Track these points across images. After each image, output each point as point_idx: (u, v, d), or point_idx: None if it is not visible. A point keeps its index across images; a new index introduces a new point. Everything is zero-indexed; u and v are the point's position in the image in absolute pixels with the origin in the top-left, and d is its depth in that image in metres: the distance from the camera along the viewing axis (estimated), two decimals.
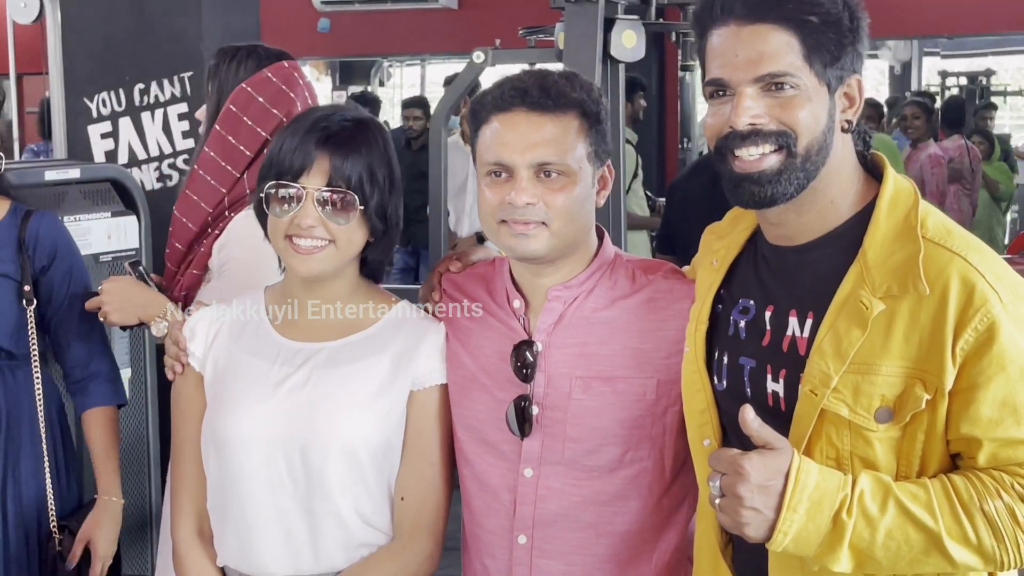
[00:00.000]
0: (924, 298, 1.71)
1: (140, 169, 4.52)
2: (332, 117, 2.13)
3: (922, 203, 1.80)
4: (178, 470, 2.26)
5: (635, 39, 4.58)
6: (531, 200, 2.00)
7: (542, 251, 2.04)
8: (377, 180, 2.10)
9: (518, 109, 2.02)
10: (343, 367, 2.15)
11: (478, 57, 5.28)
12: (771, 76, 1.77)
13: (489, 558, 2.15)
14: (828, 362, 1.75)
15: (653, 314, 2.08)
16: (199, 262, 2.76)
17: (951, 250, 1.74)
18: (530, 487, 2.09)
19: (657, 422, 2.06)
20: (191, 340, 2.24)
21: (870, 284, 1.74)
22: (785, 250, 1.88)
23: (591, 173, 2.06)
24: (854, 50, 1.80)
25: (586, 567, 2.10)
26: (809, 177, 1.80)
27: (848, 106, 1.82)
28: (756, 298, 1.91)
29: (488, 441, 2.12)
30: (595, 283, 2.11)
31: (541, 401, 2.08)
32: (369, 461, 2.12)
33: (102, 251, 3.80)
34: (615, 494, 2.08)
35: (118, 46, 4.57)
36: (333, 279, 2.16)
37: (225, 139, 2.75)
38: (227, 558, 2.20)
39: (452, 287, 2.23)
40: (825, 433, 1.76)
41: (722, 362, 1.93)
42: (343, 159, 2.08)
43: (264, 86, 2.77)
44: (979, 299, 1.69)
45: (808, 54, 1.77)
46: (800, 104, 1.77)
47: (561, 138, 2.01)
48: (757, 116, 1.77)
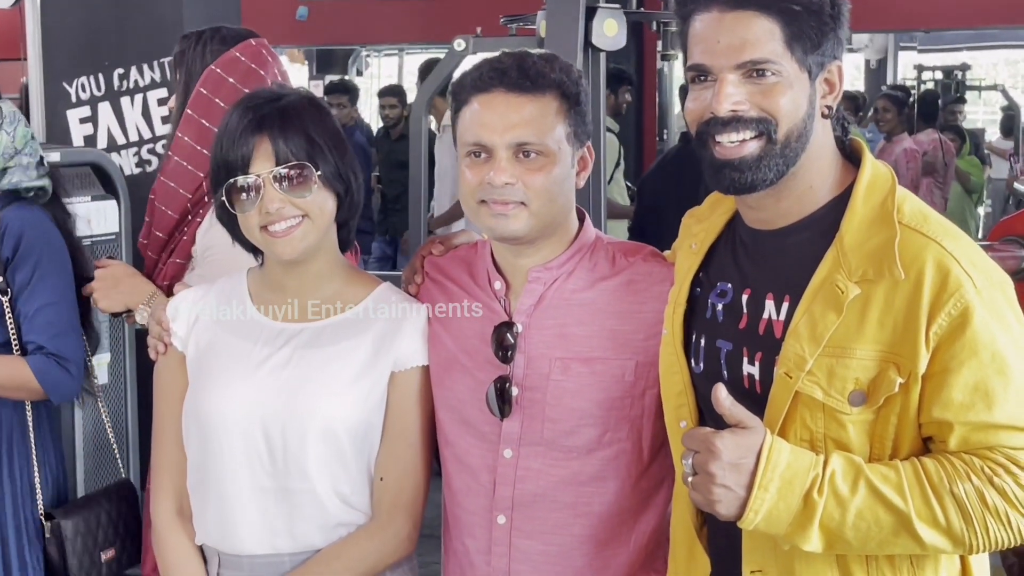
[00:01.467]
0: (899, 283, 1.73)
1: (119, 154, 4.51)
2: (257, 101, 2.15)
3: (899, 189, 1.82)
4: (159, 449, 2.27)
5: (616, 28, 4.58)
6: (510, 180, 2.02)
7: (521, 231, 2.06)
8: (321, 146, 2.12)
9: (497, 90, 2.04)
10: (325, 348, 2.16)
11: (459, 45, 5.28)
12: (753, 63, 1.78)
13: (469, 538, 2.16)
14: (803, 345, 1.76)
15: (632, 296, 2.10)
16: (182, 250, 2.75)
17: (927, 235, 1.75)
18: (509, 467, 2.10)
19: (635, 403, 2.08)
20: (174, 320, 2.25)
21: (846, 268, 1.76)
22: (763, 234, 1.90)
23: (570, 154, 2.07)
24: (835, 36, 1.81)
25: (564, 547, 2.11)
26: (789, 163, 1.81)
27: (828, 92, 1.84)
28: (734, 281, 1.92)
29: (468, 422, 2.13)
30: (575, 265, 2.13)
31: (521, 382, 2.09)
32: (349, 442, 2.13)
33: (82, 235, 3.77)
34: (593, 475, 2.10)
35: (97, 31, 4.56)
36: (314, 258, 2.17)
37: (199, 123, 2.72)
38: (206, 536, 2.21)
39: (434, 270, 2.24)
40: (799, 415, 1.78)
41: (699, 345, 1.94)
42: (282, 135, 2.09)
43: (234, 66, 2.74)
44: (953, 284, 1.71)
45: (790, 41, 1.78)
46: (781, 91, 1.78)
47: (540, 119, 2.03)
48: (738, 103, 1.78)
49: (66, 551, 2.81)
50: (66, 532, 2.81)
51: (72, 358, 2.78)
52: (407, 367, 2.17)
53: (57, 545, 2.81)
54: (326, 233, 2.17)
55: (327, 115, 2.19)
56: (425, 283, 2.24)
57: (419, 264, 2.27)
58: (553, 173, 2.04)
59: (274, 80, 2.77)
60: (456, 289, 2.19)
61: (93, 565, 2.87)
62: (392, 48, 13.28)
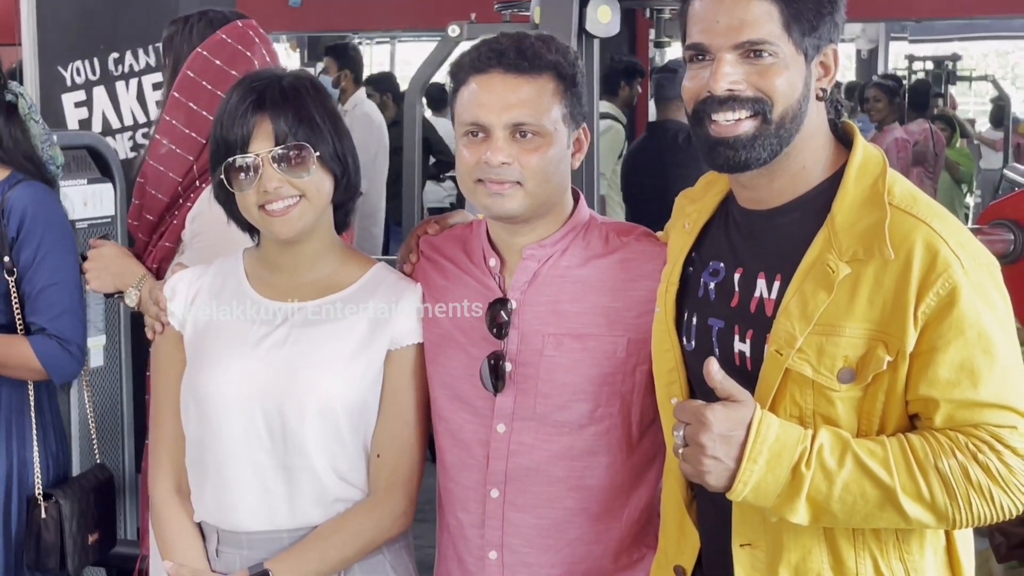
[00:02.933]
0: (889, 262, 1.75)
1: (114, 138, 4.52)
2: (259, 81, 2.17)
3: (890, 171, 1.84)
4: (157, 428, 2.30)
5: (610, 14, 4.59)
6: (506, 160, 2.04)
7: (517, 210, 2.08)
8: (319, 126, 2.14)
9: (495, 70, 2.07)
10: (322, 326, 2.18)
11: (453, 31, 5.28)
12: (751, 44, 1.80)
13: (463, 512, 2.19)
14: (794, 323, 1.79)
15: (625, 274, 2.13)
16: (172, 234, 2.75)
17: (916, 216, 1.78)
18: (503, 442, 2.13)
19: (627, 379, 2.11)
20: (171, 299, 2.27)
21: (837, 248, 1.78)
22: (756, 213, 1.92)
23: (566, 135, 2.10)
24: (831, 20, 1.84)
25: (557, 520, 2.14)
26: (783, 143, 1.83)
27: (823, 75, 1.86)
28: (726, 260, 1.94)
29: (462, 397, 2.16)
30: (569, 243, 2.15)
31: (514, 358, 2.12)
32: (346, 419, 2.16)
33: (78, 218, 3.79)
34: (585, 449, 2.12)
35: (92, 15, 4.56)
36: (310, 237, 2.19)
37: (186, 106, 2.71)
38: (204, 513, 2.23)
39: (429, 248, 2.27)
40: (789, 392, 1.80)
41: (691, 323, 1.97)
42: (282, 115, 2.11)
43: (220, 48, 2.74)
44: (942, 264, 1.74)
45: (788, 23, 1.80)
46: (777, 72, 1.81)
47: (537, 99, 2.06)
48: (735, 82, 1.81)
49: (64, 531, 2.83)
50: (64, 512, 2.83)
51: (73, 339, 2.80)
52: (403, 345, 2.20)
53: (55, 525, 2.83)
54: (323, 213, 2.19)
55: (327, 97, 2.21)
56: (420, 262, 2.26)
57: (414, 243, 2.29)
58: (549, 153, 2.07)
59: (262, 62, 2.77)
60: (451, 267, 2.21)
61: (84, 547, 2.89)
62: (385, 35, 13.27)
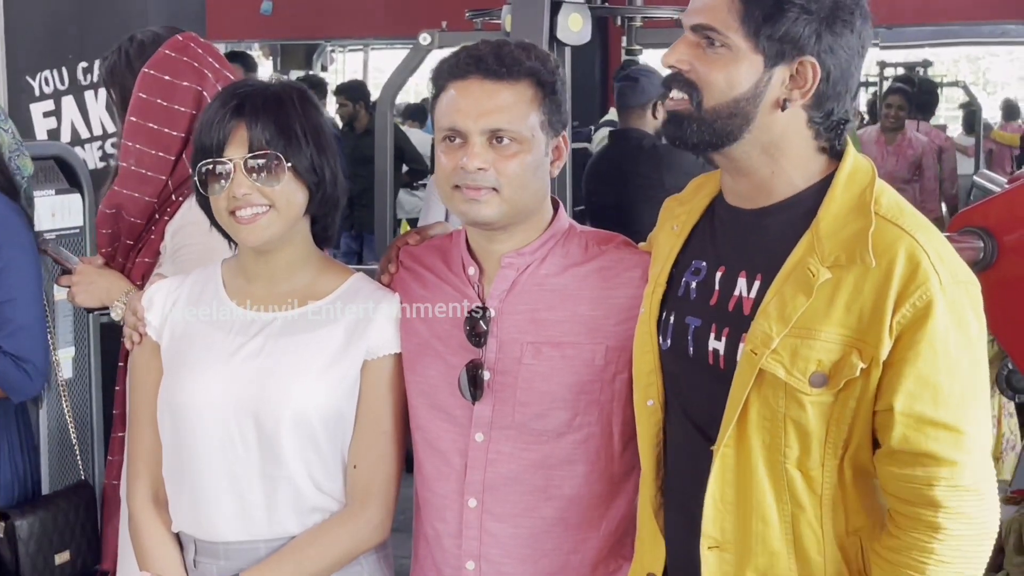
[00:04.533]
0: (869, 270, 1.75)
1: (83, 148, 4.50)
2: (244, 88, 2.18)
3: (878, 182, 1.84)
4: (134, 438, 2.29)
5: (581, 22, 4.60)
6: (482, 165, 2.04)
7: (493, 217, 2.08)
8: (297, 137, 2.13)
9: (473, 76, 2.07)
10: (297, 336, 2.18)
11: (424, 39, 5.29)
12: (699, 27, 1.82)
13: (440, 522, 2.18)
14: (771, 324, 1.79)
15: (604, 282, 2.12)
16: (149, 249, 2.74)
17: (901, 227, 1.78)
18: (481, 451, 2.12)
19: (605, 388, 2.10)
20: (148, 309, 2.27)
21: (819, 253, 1.78)
22: (742, 212, 1.92)
23: (544, 142, 2.09)
24: (813, 31, 1.79)
25: (534, 530, 2.13)
26: (720, 138, 1.84)
27: (794, 86, 1.83)
28: (708, 259, 1.94)
29: (440, 406, 2.15)
30: (548, 251, 2.15)
31: (493, 366, 2.11)
32: (321, 428, 2.15)
33: (46, 228, 3.76)
34: (564, 458, 2.12)
35: (61, 24, 4.53)
36: (283, 247, 2.19)
37: (145, 127, 2.70)
38: (181, 523, 2.22)
39: (409, 258, 2.27)
40: (762, 394, 1.81)
41: (668, 322, 1.97)
42: (258, 123, 2.11)
43: (165, 63, 2.72)
44: (921, 276, 1.74)
45: (745, 16, 1.79)
46: (719, 65, 1.81)
47: (514, 106, 2.06)
48: (680, 61, 1.84)
49: (19, 552, 2.78)
50: (20, 533, 2.79)
51: (30, 357, 2.74)
52: (379, 355, 2.19)
53: (10, 546, 2.79)
54: (294, 224, 2.18)
55: (312, 108, 2.20)
56: (399, 272, 2.26)
57: (394, 254, 2.29)
58: (526, 160, 2.07)
59: (211, 69, 2.76)
60: (430, 276, 2.21)
61: (47, 567, 2.84)
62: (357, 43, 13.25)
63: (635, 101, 5.09)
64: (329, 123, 2.25)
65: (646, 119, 5.08)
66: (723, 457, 1.84)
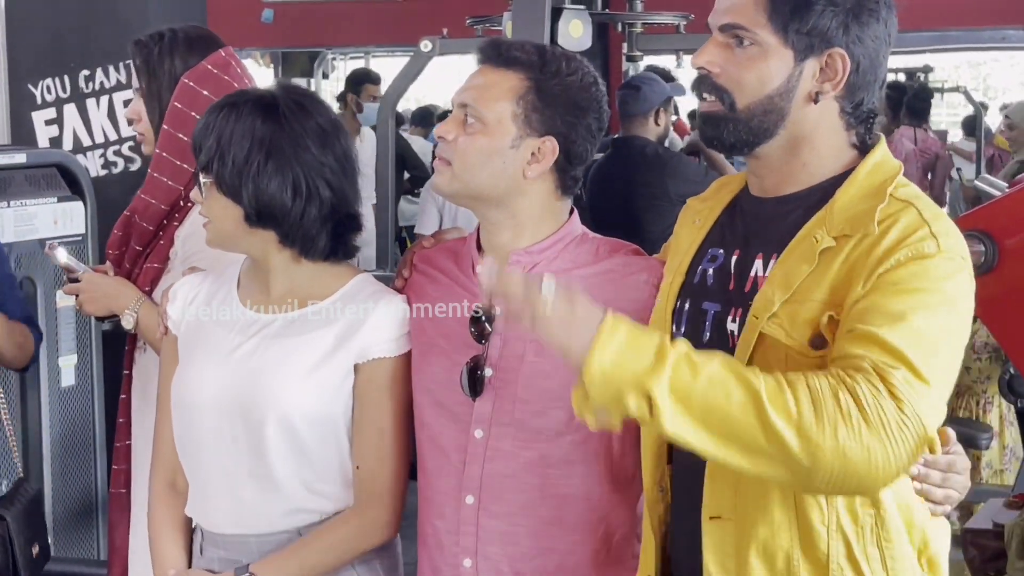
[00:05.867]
0: (868, 235, 1.75)
1: (85, 156, 4.49)
2: (232, 97, 2.21)
3: (903, 178, 1.84)
4: (157, 426, 2.36)
5: (582, 29, 4.61)
6: (444, 134, 2.13)
7: (443, 188, 2.15)
8: (224, 149, 2.14)
9: (481, 64, 2.17)
10: (291, 339, 2.20)
11: (425, 46, 5.30)
12: (729, 26, 1.83)
13: (438, 519, 2.19)
14: (775, 290, 1.80)
15: (609, 284, 2.13)
16: (158, 255, 2.75)
17: (913, 205, 1.78)
18: (479, 447, 2.13)
19: None
20: (172, 303, 2.33)
21: (828, 225, 1.79)
22: (765, 201, 1.93)
23: (514, 135, 2.11)
24: (840, 23, 1.81)
25: (531, 529, 2.13)
26: (757, 136, 1.85)
27: (824, 78, 1.83)
28: (726, 246, 1.95)
29: (443, 403, 2.16)
30: (557, 253, 2.16)
31: (495, 363, 2.13)
32: (308, 430, 2.17)
33: (48, 236, 3.78)
34: (561, 458, 2.12)
35: (62, 32, 4.54)
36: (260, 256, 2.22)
37: (176, 137, 2.71)
38: (191, 511, 2.30)
39: (422, 261, 2.29)
40: (765, 358, 1.80)
41: (683, 309, 1.97)
42: (201, 135, 2.17)
43: (206, 78, 2.74)
44: (916, 238, 1.72)
45: (772, 12, 1.81)
46: (750, 64, 1.82)
47: (488, 88, 2.12)
48: (710, 63, 1.85)
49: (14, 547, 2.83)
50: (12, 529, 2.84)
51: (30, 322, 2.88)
52: (369, 358, 2.19)
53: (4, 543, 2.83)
54: (239, 238, 2.20)
55: (266, 118, 2.15)
56: (413, 276, 2.28)
57: (409, 259, 2.31)
58: (480, 142, 2.10)
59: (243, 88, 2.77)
60: (441, 277, 2.23)
61: (31, 561, 2.90)
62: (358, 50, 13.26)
63: (637, 109, 5.09)
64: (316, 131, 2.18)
65: (648, 126, 5.08)
66: None
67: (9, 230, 3.67)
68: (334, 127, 2.21)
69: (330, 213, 2.18)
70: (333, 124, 2.21)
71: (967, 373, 4.60)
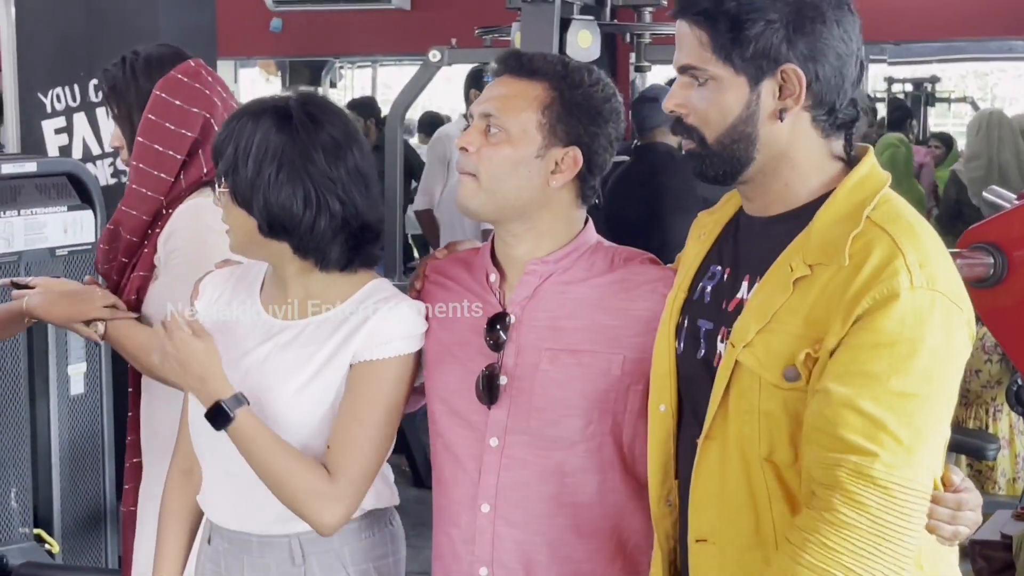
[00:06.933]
0: (842, 268, 1.75)
1: (95, 164, 4.52)
2: (252, 105, 2.20)
3: (887, 192, 1.83)
4: (182, 412, 2.38)
5: (590, 39, 4.63)
6: (467, 145, 2.11)
7: (471, 204, 2.13)
8: (239, 159, 2.14)
9: (502, 74, 2.17)
10: (297, 350, 2.20)
11: (434, 56, 5.31)
12: (686, 67, 1.87)
13: (453, 527, 2.19)
14: (751, 319, 1.81)
15: (624, 293, 2.14)
16: (144, 263, 2.76)
17: (886, 231, 1.76)
18: (495, 456, 2.13)
19: (620, 398, 2.11)
20: (199, 297, 2.34)
21: (803, 252, 1.79)
22: (756, 220, 1.94)
23: (539, 145, 2.11)
24: (782, 39, 1.81)
25: (546, 537, 2.14)
26: (734, 164, 1.87)
27: (785, 95, 1.83)
28: (723, 264, 1.96)
29: (458, 412, 2.17)
30: (573, 262, 2.17)
31: (511, 371, 2.13)
32: (310, 438, 2.18)
33: (58, 245, 3.79)
34: (576, 467, 2.13)
35: (73, 41, 4.56)
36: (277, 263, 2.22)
37: (151, 148, 2.72)
38: (202, 500, 2.33)
39: (434, 271, 2.30)
40: (741, 386, 1.82)
41: (683, 326, 1.98)
42: (221, 143, 2.17)
43: (178, 88, 2.75)
44: (888, 273, 1.72)
45: (717, 47, 1.83)
46: (710, 99, 1.85)
47: (512, 98, 2.11)
48: (680, 104, 1.88)
49: None
50: None
51: None
52: (361, 360, 2.17)
53: None
54: (256, 247, 2.21)
55: (280, 128, 2.14)
56: (426, 286, 2.29)
57: (422, 271, 2.32)
58: (504, 152, 2.10)
59: (219, 97, 2.80)
60: (453, 285, 2.24)
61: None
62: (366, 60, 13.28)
63: (657, 120, 5.11)
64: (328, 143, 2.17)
65: (668, 136, 5.11)
66: (706, 449, 1.86)
67: (20, 238, 3.68)
68: (347, 138, 2.19)
69: (342, 225, 2.18)
70: (346, 135, 2.19)
71: (976, 377, 4.60)
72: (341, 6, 9.98)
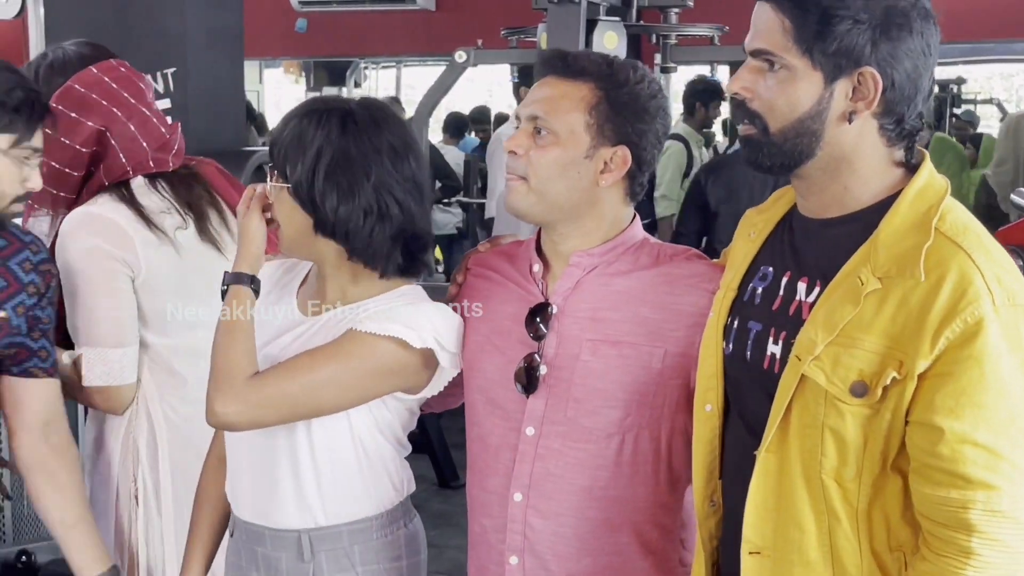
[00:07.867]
0: (919, 284, 1.73)
1: None
2: (315, 103, 2.20)
3: (949, 200, 1.81)
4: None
5: (616, 40, 4.63)
6: (515, 148, 2.10)
7: (521, 206, 2.12)
8: (296, 155, 2.13)
9: (547, 75, 2.15)
10: (313, 343, 2.19)
11: (460, 57, 5.32)
12: (759, 51, 1.83)
13: (487, 517, 2.20)
14: (817, 331, 1.78)
15: (668, 287, 2.13)
16: None
17: (959, 245, 1.75)
18: (530, 445, 2.13)
19: (659, 392, 2.10)
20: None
21: (872, 263, 1.77)
22: (812, 222, 1.92)
23: (587, 144, 2.10)
24: (868, 40, 1.78)
25: (578, 529, 2.13)
26: (793, 157, 1.84)
27: (857, 98, 1.81)
28: (776, 265, 1.94)
29: (495, 401, 2.18)
30: (617, 256, 2.16)
31: (551, 361, 2.13)
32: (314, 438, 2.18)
33: None
34: (612, 459, 2.12)
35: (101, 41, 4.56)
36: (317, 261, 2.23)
37: (47, 165, 2.53)
38: (228, 489, 2.34)
39: (477, 264, 2.31)
40: (804, 400, 1.80)
41: (732, 326, 1.97)
42: (280, 137, 2.16)
43: (72, 98, 2.60)
44: (972, 294, 1.70)
45: (797, 36, 1.79)
46: (780, 88, 1.81)
47: (559, 99, 2.10)
48: (745, 88, 1.84)
49: None
50: None
51: None
52: (353, 328, 2.15)
53: None
54: (305, 245, 2.19)
55: (344, 130, 2.15)
56: (468, 279, 2.30)
57: (464, 265, 2.33)
58: (553, 153, 2.09)
59: (123, 106, 2.65)
60: (495, 276, 2.25)
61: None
62: (390, 60, 13.32)
63: None
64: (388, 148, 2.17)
65: None
66: (765, 462, 1.84)
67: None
68: (406, 146, 2.19)
69: (398, 231, 2.18)
70: (405, 143, 2.19)
71: None
72: (366, 7, 10.02)
